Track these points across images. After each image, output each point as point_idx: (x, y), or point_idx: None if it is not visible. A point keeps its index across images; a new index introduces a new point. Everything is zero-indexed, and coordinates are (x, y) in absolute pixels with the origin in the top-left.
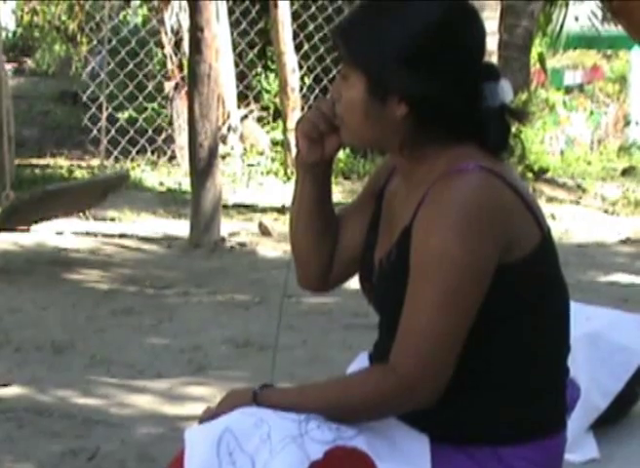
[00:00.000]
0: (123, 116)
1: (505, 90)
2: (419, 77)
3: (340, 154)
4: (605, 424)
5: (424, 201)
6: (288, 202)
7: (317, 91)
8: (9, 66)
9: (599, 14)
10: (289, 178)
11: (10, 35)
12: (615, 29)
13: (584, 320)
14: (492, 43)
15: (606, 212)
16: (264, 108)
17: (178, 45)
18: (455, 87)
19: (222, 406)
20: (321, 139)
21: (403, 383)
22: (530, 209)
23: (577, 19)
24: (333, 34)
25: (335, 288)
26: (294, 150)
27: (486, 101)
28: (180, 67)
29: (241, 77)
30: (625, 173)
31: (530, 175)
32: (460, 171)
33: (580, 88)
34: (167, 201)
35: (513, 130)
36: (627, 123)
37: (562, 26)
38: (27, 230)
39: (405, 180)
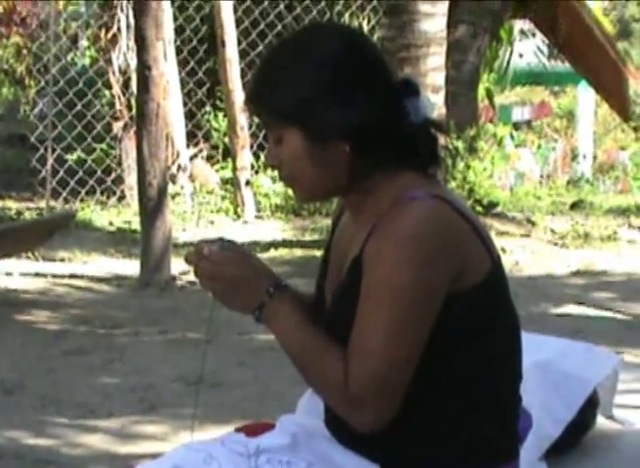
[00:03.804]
0: (72, 157)
1: (427, 104)
2: (348, 109)
3: (290, 191)
4: (557, 453)
5: (375, 230)
6: (238, 240)
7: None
8: None
9: (545, 50)
10: (239, 217)
11: None
12: (561, 65)
13: (535, 349)
14: (439, 78)
15: (556, 244)
16: (214, 147)
17: (126, 85)
18: (382, 108)
19: (248, 262)
20: None
21: (351, 402)
22: (480, 237)
23: (521, 55)
24: (248, 104)
25: None
26: (243, 189)
27: (409, 117)
28: (129, 107)
29: (190, 116)
30: (574, 206)
31: (480, 209)
32: (411, 199)
33: (529, 124)
34: (117, 241)
35: (462, 164)
36: (575, 157)
37: (509, 62)
38: None
39: (355, 214)
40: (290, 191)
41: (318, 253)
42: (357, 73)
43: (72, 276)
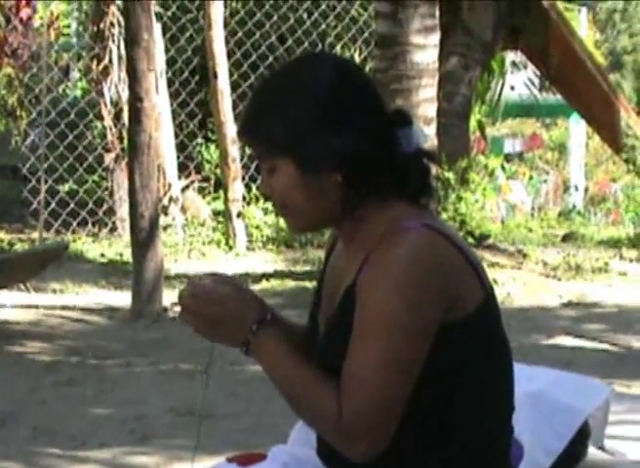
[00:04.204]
0: (63, 189)
1: (419, 134)
2: (340, 138)
3: (282, 222)
4: None
5: (368, 260)
6: (230, 271)
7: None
8: None
9: (536, 82)
10: (230, 248)
11: None
12: (553, 97)
13: (527, 380)
14: (431, 110)
15: (547, 276)
16: (205, 179)
17: (117, 116)
18: (375, 138)
19: (231, 299)
20: None
21: (345, 433)
22: (473, 267)
23: (512, 88)
24: (241, 136)
25: None
26: (235, 220)
27: (402, 148)
28: (120, 139)
29: (182, 148)
30: (566, 238)
31: (471, 240)
32: (404, 229)
33: (520, 156)
34: (108, 272)
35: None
36: (567, 189)
37: (500, 94)
38: None
39: (347, 244)
40: (282, 222)
41: (310, 284)
42: (349, 103)
43: (64, 307)
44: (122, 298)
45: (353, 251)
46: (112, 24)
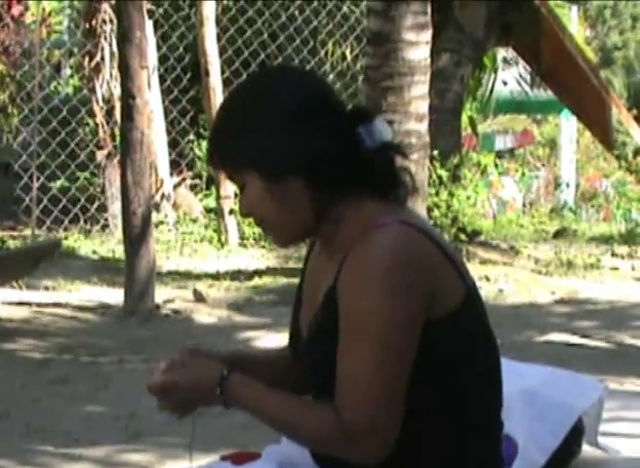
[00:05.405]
0: (55, 186)
1: (382, 128)
2: (297, 144)
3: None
4: None
5: (347, 260)
6: (222, 268)
7: None
8: None
9: (527, 78)
10: (223, 245)
11: None
12: (544, 93)
13: (519, 377)
14: (423, 107)
15: (539, 273)
16: (197, 176)
17: (109, 113)
18: (334, 138)
19: (184, 373)
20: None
21: (348, 436)
22: (452, 262)
23: (505, 83)
24: (210, 164)
25: None
26: (227, 217)
27: (365, 144)
28: (112, 136)
29: (173, 145)
30: (557, 234)
31: (463, 237)
32: (380, 226)
33: (511, 152)
34: (101, 269)
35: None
36: (558, 185)
37: (492, 91)
38: None
39: (325, 245)
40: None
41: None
42: (302, 108)
43: (56, 305)
44: (114, 295)
45: (331, 251)
46: (104, 22)
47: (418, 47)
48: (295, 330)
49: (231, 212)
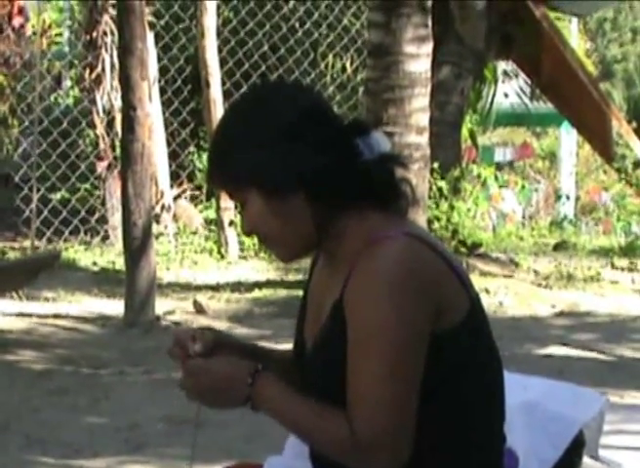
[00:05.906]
0: (55, 197)
1: (379, 140)
2: (295, 159)
3: None
4: None
5: (353, 273)
6: (222, 280)
7: None
8: None
9: (527, 91)
10: (222, 257)
11: None
12: (544, 106)
13: (520, 389)
14: (424, 119)
15: (539, 285)
16: (197, 187)
17: (110, 125)
18: (332, 151)
19: (221, 362)
20: None
21: (366, 450)
22: (458, 275)
23: (506, 95)
24: (210, 184)
25: None
26: (227, 229)
27: (363, 156)
28: (113, 147)
29: (174, 156)
30: (557, 247)
31: (463, 249)
32: (384, 238)
33: (511, 165)
34: (101, 281)
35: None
36: (558, 198)
37: (492, 103)
38: None
39: (328, 259)
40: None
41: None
42: (301, 124)
43: (57, 316)
44: (115, 307)
45: (336, 265)
46: (105, 33)
47: (418, 59)
48: (298, 343)
49: (231, 223)
